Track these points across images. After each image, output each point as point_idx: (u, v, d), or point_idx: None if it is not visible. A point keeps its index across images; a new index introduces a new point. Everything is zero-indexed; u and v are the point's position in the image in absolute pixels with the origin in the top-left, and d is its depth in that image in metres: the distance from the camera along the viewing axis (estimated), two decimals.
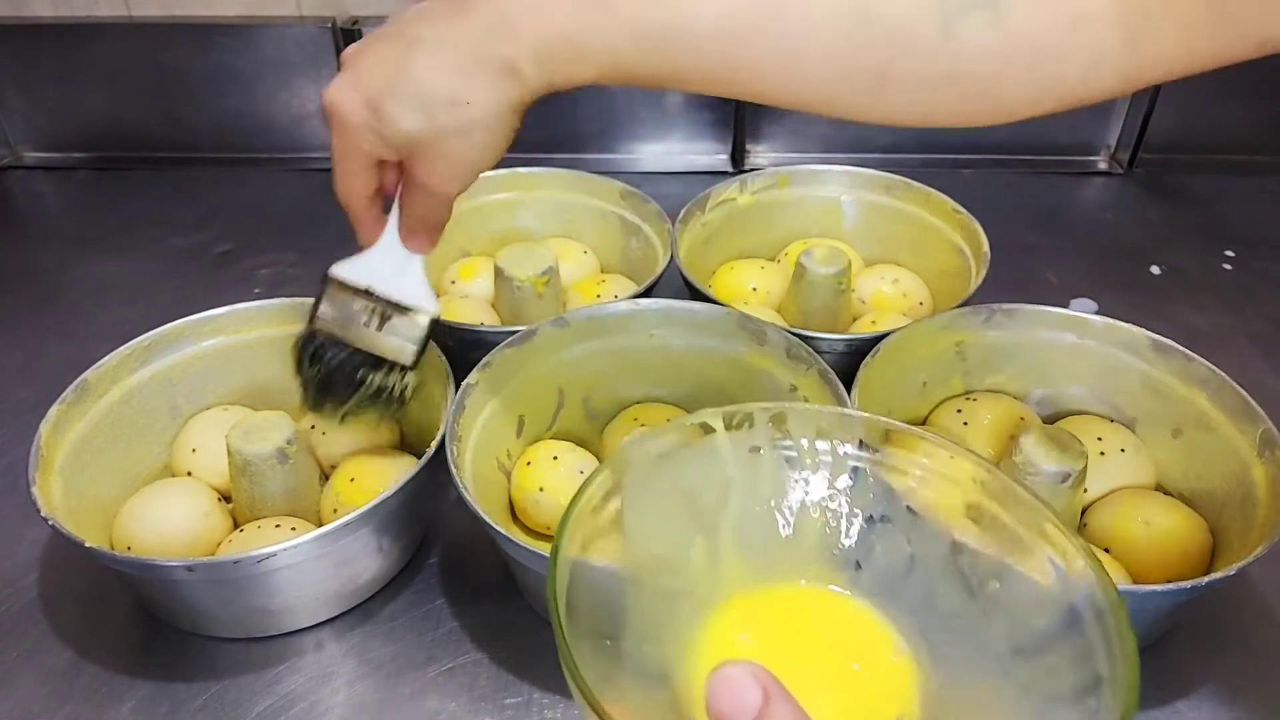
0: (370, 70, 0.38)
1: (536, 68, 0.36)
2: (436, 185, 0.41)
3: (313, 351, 0.48)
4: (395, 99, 0.38)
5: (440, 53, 0.37)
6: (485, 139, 0.39)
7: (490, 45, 0.36)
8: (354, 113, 0.39)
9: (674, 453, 0.36)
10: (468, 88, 0.37)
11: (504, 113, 0.38)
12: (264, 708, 0.47)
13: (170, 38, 0.89)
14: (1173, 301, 0.75)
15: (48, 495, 0.48)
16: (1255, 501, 0.49)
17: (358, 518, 0.46)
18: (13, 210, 0.91)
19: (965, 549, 0.35)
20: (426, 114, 0.38)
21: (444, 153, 0.39)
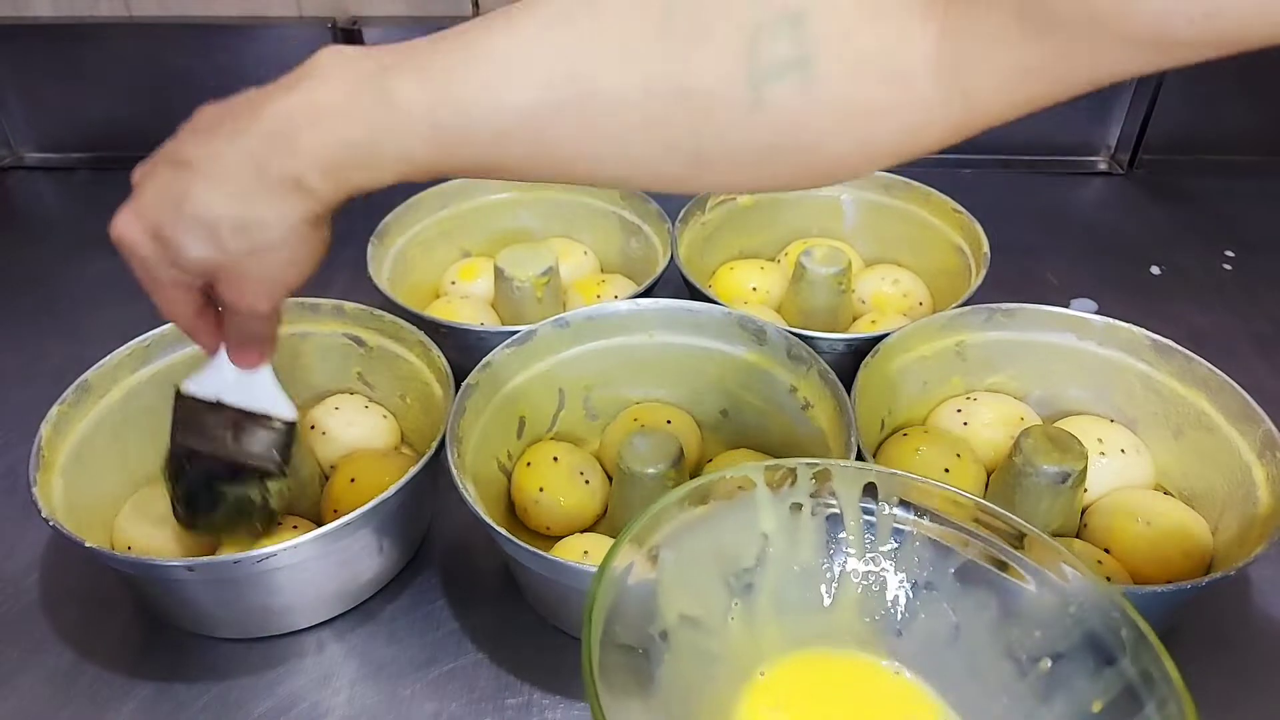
0: (151, 200, 0.36)
1: (324, 179, 0.34)
2: (245, 306, 0.39)
3: (174, 470, 0.47)
4: (179, 229, 0.36)
5: (219, 177, 0.35)
6: (284, 257, 0.36)
7: (269, 163, 0.34)
8: (141, 245, 0.37)
9: (711, 509, 0.34)
10: (252, 211, 0.35)
11: (297, 228, 0.35)
12: (265, 708, 0.47)
13: (170, 37, 0.89)
14: (1173, 301, 0.75)
15: (48, 495, 0.48)
16: (1255, 501, 0.49)
17: (358, 518, 0.46)
18: (13, 210, 0.91)
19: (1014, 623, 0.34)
20: (214, 242, 0.35)
21: (243, 275, 0.37)
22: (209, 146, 0.35)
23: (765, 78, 0.30)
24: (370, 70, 0.33)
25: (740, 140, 0.31)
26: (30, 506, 0.46)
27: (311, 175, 0.34)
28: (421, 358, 0.56)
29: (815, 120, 0.30)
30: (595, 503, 0.55)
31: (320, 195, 0.34)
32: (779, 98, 0.30)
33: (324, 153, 0.33)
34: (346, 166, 0.34)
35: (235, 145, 0.34)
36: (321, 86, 0.33)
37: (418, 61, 0.33)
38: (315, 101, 0.33)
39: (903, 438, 0.57)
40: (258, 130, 0.34)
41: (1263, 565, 0.43)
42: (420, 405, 0.57)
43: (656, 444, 0.51)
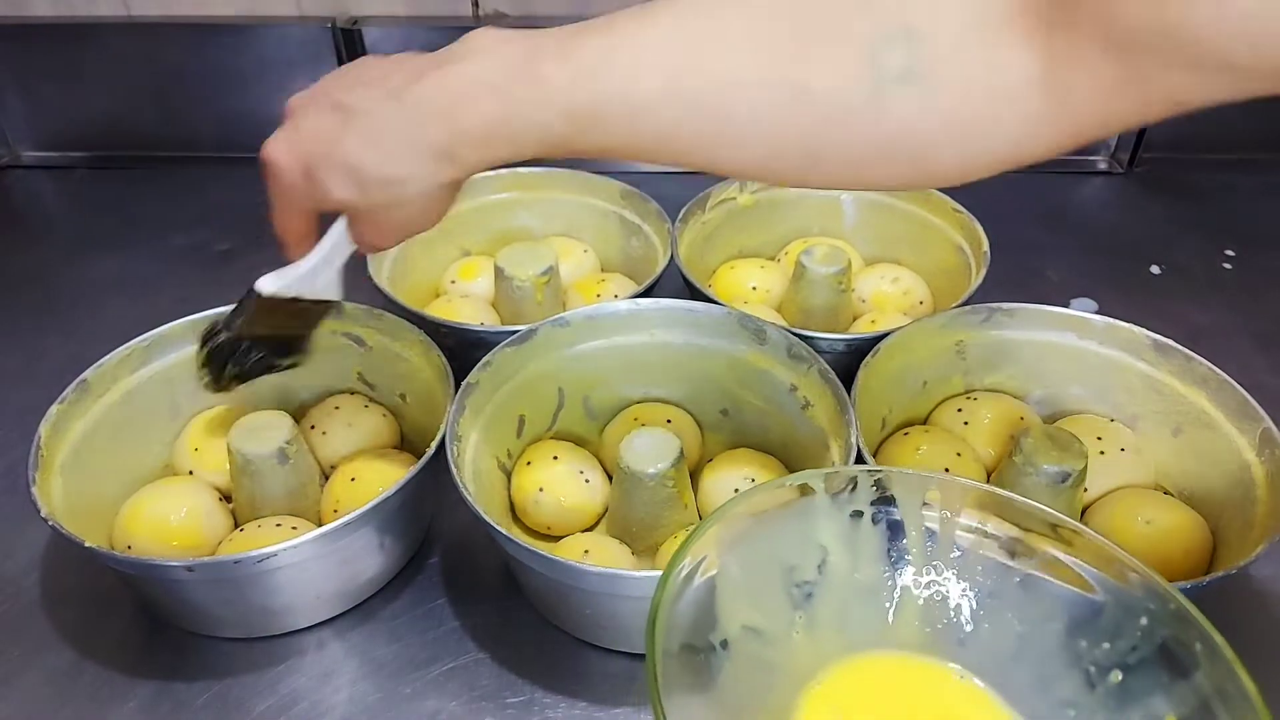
0: (309, 135, 0.39)
1: (471, 151, 0.37)
2: (370, 244, 0.44)
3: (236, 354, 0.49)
4: (329, 170, 0.39)
5: (376, 133, 0.37)
6: (417, 212, 0.40)
7: (425, 131, 0.37)
8: (289, 173, 0.40)
9: (770, 517, 0.34)
10: (401, 169, 0.38)
11: (436, 190, 0.39)
12: (265, 707, 0.47)
13: (170, 37, 0.89)
14: (1173, 301, 0.75)
15: (48, 495, 0.48)
16: (1255, 501, 0.49)
17: (358, 517, 0.46)
18: (12, 210, 0.90)
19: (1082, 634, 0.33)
20: (359, 188, 0.39)
21: (376, 221, 0.41)
22: (371, 101, 0.37)
23: (885, 84, 0.32)
24: (521, 52, 0.36)
25: (855, 142, 0.33)
26: (30, 506, 0.45)
27: (461, 147, 0.37)
28: (422, 357, 0.56)
29: (928, 129, 0.32)
30: (595, 502, 0.55)
31: (466, 163, 0.38)
32: (896, 105, 0.32)
33: (476, 127, 0.36)
34: (494, 140, 0.36)
35: (396, 107, 0.37)
36: (478, 65, 0.36)
37: (563, 45, 0.35)
38: (472, 78, 0.36)
39: (903, 437, 0.57)
40: (419, 97, 0.36)
41: (1263, 565, 0.43)
42: (420, 405, 0.57)
43: (656, 444, 0.51)
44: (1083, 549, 0.34)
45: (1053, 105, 0.31)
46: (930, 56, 0.31)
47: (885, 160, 0.34)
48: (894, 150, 0.33)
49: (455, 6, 0.88)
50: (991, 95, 0.31)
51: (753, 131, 0.34)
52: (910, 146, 0.33)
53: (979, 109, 0.32)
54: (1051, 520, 0.34)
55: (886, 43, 0.32)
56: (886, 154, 0.34)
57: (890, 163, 0.34)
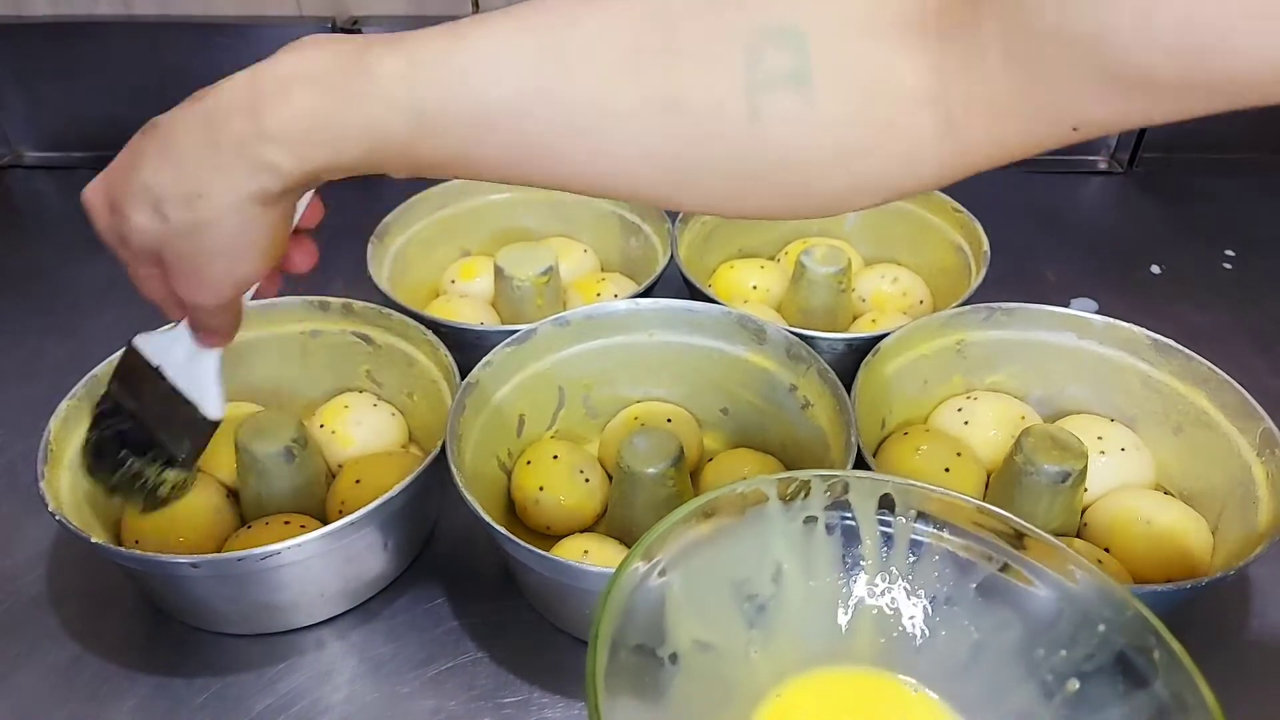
0: (116, 165, 0.34)
1: (287, 153, 0.31)
2: (188, 294, 0.36)
3: (96, 414, 0.44)
4: (127, 197, 0.33)
5: (172, 142, 0.32)
6: (231, 239, 0.33)
7: (225, 128, 0.31)
8: (99, 214, 0.35)
9: (721, 527, 0.33)
10: (198, 181, 0.32)
11: (249, 207, 0.32)
12: (265, 706, 0.47)
13: (170, 36, 0.89)
14: (1173, 301, 0.75)
15: (55, 490, 0.48)
16: (1255, 501, 0.49)
17: (362, 516, 0.46)
18: (13, 209, 0.91)
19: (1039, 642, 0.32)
20: (157, 212, 0.33)
21: (186, 256, 0.34)
22: (175, 114, 0.33)
23: (762, 88, 0.29)
24: (350, 47, 0.31)
25: (730, 155, 0.30)
26: (30, 504, 0.46)
27: (269, 146, 0.31)
28: (429, 356, 0.56)
29: (808, 143, 0.30)
30: (595, 502, 0.55)
31: (276, 169, 0.31)
32: (775, 111, 0.29)
33: (285, 121, 0.31)
34: (309, 139, 0.31)
35: (194, 111, 0.32)
36: (296, 58, 0.31)
37: (404, 44, 0.31)
38: (286, 70, 0.31)
39: (903, 437, 0.57)
40: (221, 98, 0.32)
41: (1263, 565, 0.43)
42: (427, 403, 0.57)
43: (656, 443, 0.51)
44: (1041, 554, 0.33)
45: (942, 123, 0.29)
46: (815, 55, 0.28)
47: (764, 179, 0.31)
48: (772, 166, 0.30)
49: (455, 6, 0.88)
50: (877, 103, 0.29)
51: (615, 147, 0.31)
52: (790, 162, 0.30)
53: (863, 119, 0.29)
54: (1010, 525, 0.34)
55: (769, 41, 0.29)
56: (764, 172, 0.31)
57: (769, 182, 0.31)
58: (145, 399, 0.42)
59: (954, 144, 0.29)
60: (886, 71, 0.29)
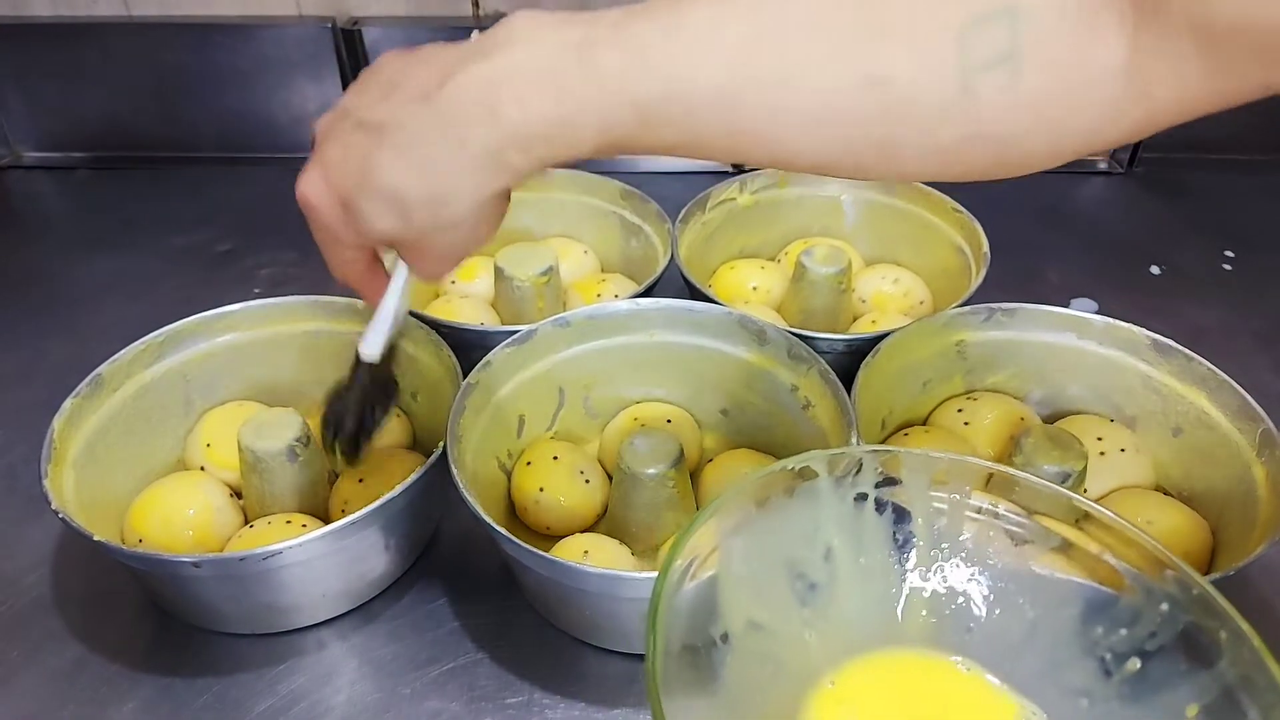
0: (339, 163, 0.35)
1: (523, 154, 0.32)
2: (425, 274, 0.39)
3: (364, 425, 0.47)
4: (367, 199, 0.34)
5: (411, 147, 0.33)
6: (470, 232, 0.36)
7: (468, 135, 0.32)
8: (327, 210, 0.36)
9: (772, 505, 0.33)
10: (445, 185, 0.33)
11: (487, 202, 0.35)
12: (265, 707, 0.47)
13: (170, 37, 0.89)
14: (1173, 301, 0.75)
15: (59, 489, 0.48)
16: (1255, 501, 0.49)
17: (364, 516, 0.46)
18: (13, 210, 0.90)
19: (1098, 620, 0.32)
20: (402, 215, 0.34)
21: (426, 248, 0.36)
22: (400, 110, 0.33)
23: (975, 69, 0.30)
24: (572, 40, 0.32)
25: (938, 131, 0.32)
26: (31, 505, 0.46)
27: (511, 150, 0.32)
28: (433, 356, 0.56)
29: (1015, 114, 0.31)
30: (595, 502, 0.55)
31: (517, 168, 0.33)
32: (986, 90, 0.31)
33: (527, 126, 0.32)
34: (547, 140, 0.32)
35: (429, 114, 0.32)
36: (521, 55, 0.32)
37: (621, 33, 0.32)
38: (516, 70, 0.32)
39: (903, 437, 0.57)
40: (454, 98, 0.32)
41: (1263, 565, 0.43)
42: (431, 404, 0.57)
43: (656, 444, 0.51)
44: (1102, 532, 0.33)
45: (1135, 91, 0.30)
46: (1027, 36, 0.30)
47: (968, 149, 0.32)
48: (979, 138, 0.32)
49: (455, 6, 0.88)
50: (1078, 80, 0.31)
51: (829, 124, 0.32)
52: (993, 134, 0.32)
53: (1066, 92, 0.31)
54: (1068, 501, 0.33)
55: (983, 23, 0.30)
56: (970, 143, 0.32)
57: (973, 152, 0.32)
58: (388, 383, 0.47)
59: (1145, 109, 0.31)
60: (1089, 49, 0.30)
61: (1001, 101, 0.31)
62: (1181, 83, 0.30)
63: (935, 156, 0.33)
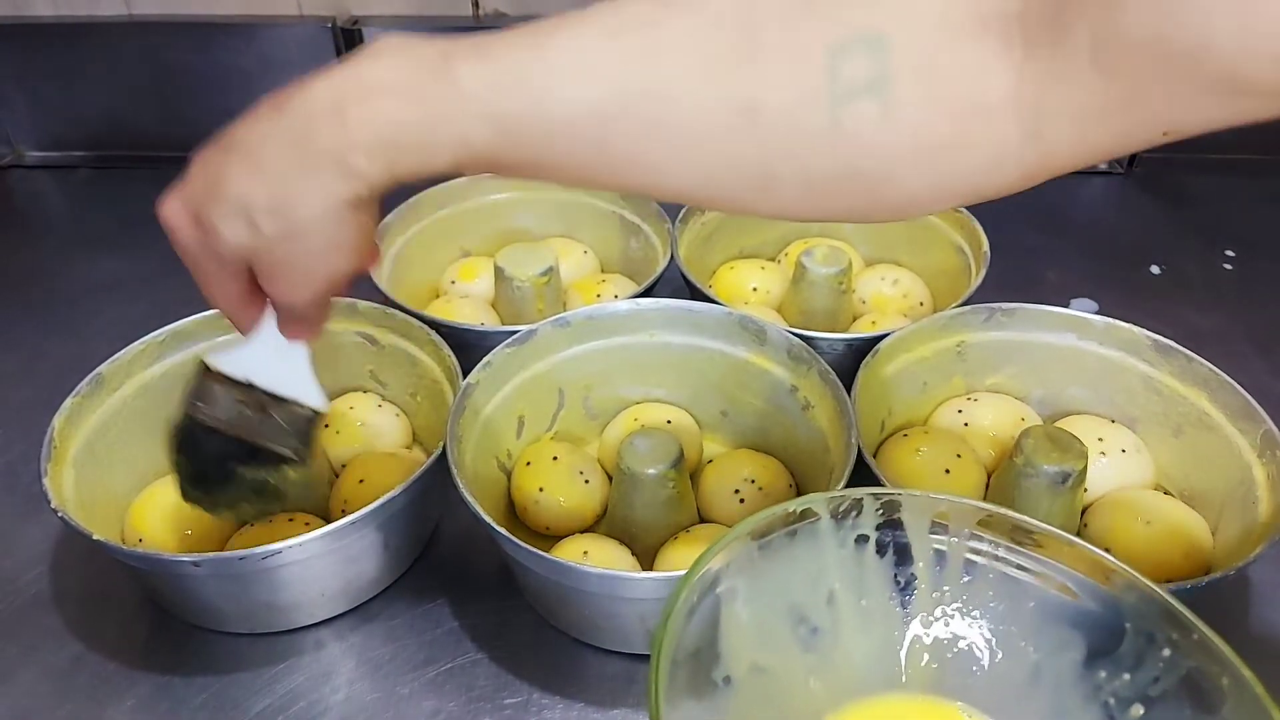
0: (195, 180, 0.35)
1: (371, 161, 0.32)
2: (282, 296, 0.37)
3: (185, 442, 0.44)
4: (216, 210, 0.34)
5: (257, 154, 0.33)
6: (323, 243, 0.34)
7: (313, 138, 0.32)
8: (182, 228, 0.36)
9: (773, 546, 0.32)
10: (290, 189, 0.32)
11: (335, 211, 0.33)
12: (263, 706, 0.47)
13: (170, 37, 0.89)
14: (1173, 301, 0.75)
15: (59, 487, 0.48)
16: (1255, 501, 0.49)
17: (363, 516, 0.46)
18: (13, 209, 0.91)
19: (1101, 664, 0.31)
20: (248, 225, 0.33)
21: (280, 263, 0.35)
22: (254, 124, 0.33)
23: (844, 98, 0.29)
24: (432, 54, 0.31)
25: (812, 163, 0.30)
26: (30, 504, 0.46)
27: (357, 153, 0.32)
28: (432, 356, 0.56)
29: (890, 148, 0.29)
30: (595, 503, 0.55)
31: (366, 176, 0.32)
32: (856, 120, 0.29)
33: (374, 130, 0.31)
34: (398, 147, 0.32)
35: (276, 119, 0.33)
36: (377, 65, 0.32)
37: (484, 50, 0.31)
38: (370, 78, 0.32)
39: (903, 438, 0.57)
40: (304, 106, 0.32)
41: (1263, 565, 0.43)
42: (431, 404, 0.57)
43: (656, 444, 0.51)
44: (1102, 574, 0.32)
45: (1027, 129, 0.28)
46: (896, 63, 0.28)
47: (846, 185, 0.31)
48: (854, 174, 0.30)
49: (455, 6, 0.88)
50: (960, 110, 0.29)
51: (698, 154, 0.31)
52: (871, 169, 0.30)
53: (946, 127, 0.29)
54: (1067, 543, 0.33)
55: (848, 51, 0.29)
56: (846, 178, 0.31)
57: (851, 188, 0.31)
58: (238, 415, 0.43)
59: (1038, 149, 0.29)
60: (969, 79, 0.29)
61: (874, 135, 0.29)
62: (1077, 120, 0.28)
63: (813, 191, 0.31)
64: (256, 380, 0.42)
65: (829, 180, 0.31)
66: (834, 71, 0.29)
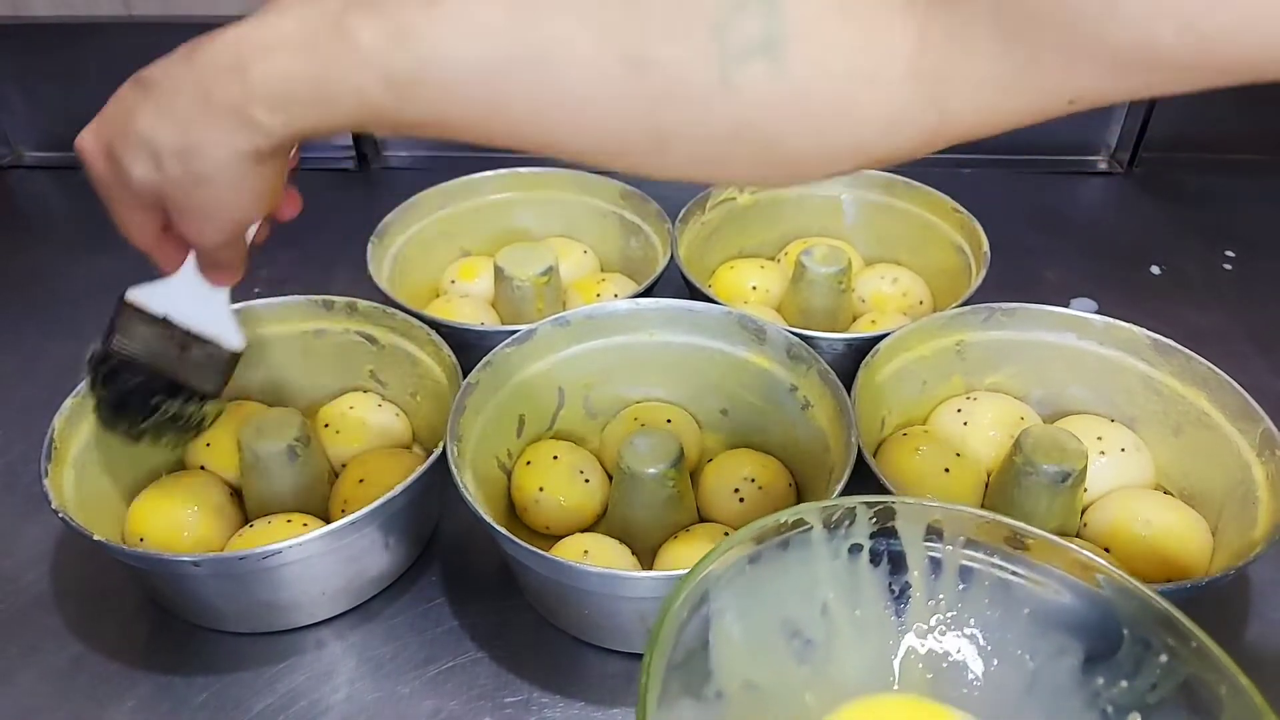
0: (110, 116, 0.37)
1: (271, 113, 0.33)
2: (193, 237, 0.38)
3: (105, 373, 0.45)
4: (126, 148, 0.35)
5: (166, 97, 0.34)
6: (227, 190, 0.35)
7: (215, 91, 0.33)
8: (98, 161, 0.37)
9: (766, 559, 0.32)
10: (192, 137, 0.34)
11: (240, 162, 0.34)
12: (264, 706, 0.47)
13: (170, 37, 0.88)
14: (1173, 301, 0.75)
15: (59, 487, 0.48)
16: (1255, 501, 0.49)
17: (363, 516, 0.46)
18: (13, 209, 0.91)
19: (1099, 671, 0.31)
20: (156, 165, 0.35)
21: (187, 205, 0.37)
22: (166, 68, 0.35)
23: (734, 58, 0.28)
24: (331, 9, 0.32)
25: (702, 123, 0.30)
26: (30, 504, 0.46)
27: (258, 107, 0.33)
28: (433, 356, 0.56)
29: (780, 110, 0.29)
30: (595, 502, 0.55)
31: (266, 129, 0.33)
32: (746, 81, 0.29)
33: (273, 85, 0.32)
34: (297, 102, 0.32)
35: (187, 67, 0.34)
36: (278, 19, 0.33)
37: (380, 8, 0.31)
38: (270, 33, 0.32)
39: (903, 437, 0.57)
40: (210, 57, 0.33)
41: (1263, 565, 0.43)
42: (431, 403, 0.57)
43: (656, 444, 0.51)
44: (1098, 580, 0.32)
45: (925, 94, 0.28)
46: (788, 22, 0.28)
47: (736, 147, 0.30)
48: (744, 135, 0.30)
49: None
50: (854, 75, 0.28)
51: (590, 106, 0.30)
52: (761, 130, 0.30)
53: (838, 89, 0.28)
54: (1063, 548, 0.33)
55: (740, 9, 0.28)
56: (737, 140, 0.30)
57: (741, 150, 0.31)
58: (156, 347, 0.44)
59: (937, 115, 0.28)
60: (864, 41, 0.28)
61: (764, 96, 0.29)
62: (979, 87, 0.27)
63: (705, 150, 0.31)
64: (175, 318, 0.44)
65: (720, 141, 0.30)
66: (724, 29, 0.28)
